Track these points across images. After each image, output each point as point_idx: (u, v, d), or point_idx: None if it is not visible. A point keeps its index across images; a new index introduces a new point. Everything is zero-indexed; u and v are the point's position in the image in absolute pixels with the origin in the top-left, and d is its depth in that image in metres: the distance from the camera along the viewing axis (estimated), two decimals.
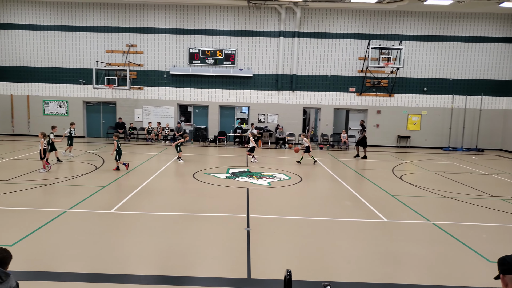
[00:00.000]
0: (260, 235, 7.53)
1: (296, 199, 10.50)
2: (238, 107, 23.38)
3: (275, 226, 8.15)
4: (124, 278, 5.69)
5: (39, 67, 22.70)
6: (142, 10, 22.08)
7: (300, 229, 8.04)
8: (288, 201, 10.30)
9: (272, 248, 6.94)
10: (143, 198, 10.03)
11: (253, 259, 6.41)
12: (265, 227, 8.02)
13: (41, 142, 12.72)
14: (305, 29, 22.23)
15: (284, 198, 10.54)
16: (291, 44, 22.27)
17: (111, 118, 23.28)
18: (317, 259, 6.53)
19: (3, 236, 7.03)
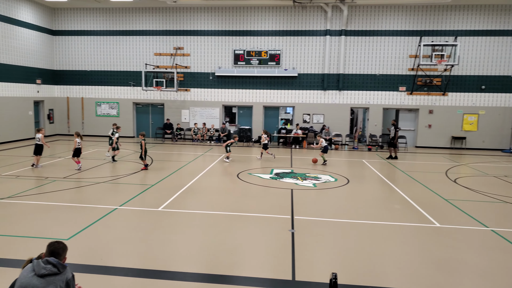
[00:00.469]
0: (305, 237, 7.39)
1: (343, 202, 10.22)
2: (282, 107, 23.27)
3: (320, 228, 7.97)
4: (171, 274, 5.80)
5: (93, 71, 23.91)
6: (189, 12, 22.60)
7: (346, 232, 7.80)
8: (334, 203, 10.04)
9: (317, 251, 6.79)
10: (189, 196, 10.21)
11: (298, 261, 6.30)
12: (310, 229, 7.86)
13: (75, 142, 13.35)
14: (352, 27, 21.69)
15: (330, 200, 10.30)
16: (338, 43, 21.81)
17: (159, 119, 24.03)
18: (364, 263, 6.29)
19: (60, 231, 7.43)
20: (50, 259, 3.30)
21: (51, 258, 3.32)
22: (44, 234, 7.20)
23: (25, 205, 9.10)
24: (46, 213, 8.58)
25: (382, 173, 14.14)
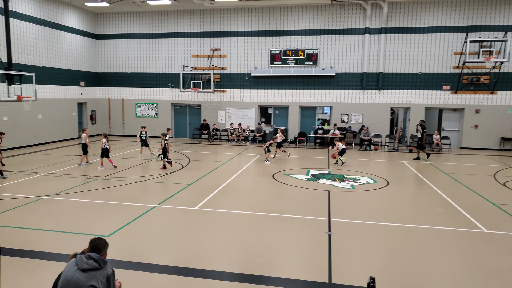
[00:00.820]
0: (342, 240, 7.22)
1: (382, 204, 9.89)
2: (319, 107, 22.95)
3: (358, 231, 7.75)
4: (207, 273, 5.84)
5: (133, 73, 24.68)
6: (226, 14, 22.81)
7: (385, 235, 7.53)
8: (372, 205, 9.74)
9: (354, 254, 6.61)
10: (225, 196, 10.26)
11: (334, 264, 6.16)
12: (347, 232, 7.67)
13: (101, 142, 13.82)
14: (392, 25, 21.03)
15: (369, 203, 10.00)
16: (377, 41, 21.23)
17: (197, 119, 24.41)
18: (403, 268, 6.03)
19: (101, 227, 7.69)
20: (92, 255, 3.39)
21: (93, 253, 3.41)
22: (86, 230, 7.46)
23: (69, 202, 9.50)
24: (89, 210, 8.90)
25: (424, 175, 13.58)
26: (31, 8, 19.16)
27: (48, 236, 7.20)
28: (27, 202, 9.33)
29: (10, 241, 6.77)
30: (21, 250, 6.49)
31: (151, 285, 5.48)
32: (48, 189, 10.63)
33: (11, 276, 5.51)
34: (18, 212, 8.58)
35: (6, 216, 8.28)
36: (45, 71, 20.17)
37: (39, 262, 6.09)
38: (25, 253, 6.39)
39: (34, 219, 8.15)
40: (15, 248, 6.53)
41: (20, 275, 5.63)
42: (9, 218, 8.19)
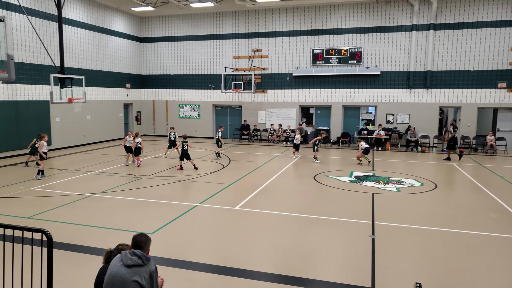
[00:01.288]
0: (386, 244, 6.94)
1: (429, 208, 9.41)
2: (363, 107, 22.34)
3: (403, 235, 7.42)
4: (247, 273, 5.80)
5: (176, 75, 25.27)
6: (267, 14, 22.79)
7: (432, 241, 7.14)
8: (419, 209, 9.30)
9: (399, 259, 6.32)
10: (265, 197, 10.21)
11: (378, 268, 5.93)
12: (392, 236, 7.36)
13: (134, 141, 14.36)
14: (442, 21, 20.06)
15: (415, 206, 9.56)
16: (426, 38, 20.33)
17: (237, 120, 24.57)
18: (452, 276, 5.67)
19: (146, 225, 7.88)
20: (136, 251, 3.43)
21: (137, 250, 3.46)
22: (131, 227, 7.67)
23: (115, 200, 9.83)
24: (134, 207, 9.17)
25: (476, 178, 12.79)
26: (81, 14, 20.14)
27: (96, 232, 7.47)
28: (76, 199, 9.76)
29: (62, 236, 7.09)
30: (71, 245, 6.77)
31: (192, 283, 5.52)
32: (96, 187, 11.08)
33: (62, 269, 5.75)
34: (69, 209, 8.98)
35: (57, 212, 8.71)
36: (94, 74, 21.12)
37: (88, 256, 6.32)
38: (75, 248, 6.66)
39: (83, 215, 8.50)
40: (66, 243, 6.83)
41: (70, 268, 5.87)
42: (61, 214, 8.60)
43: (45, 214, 8.53)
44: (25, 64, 16.66)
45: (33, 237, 3.72)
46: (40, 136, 12.44)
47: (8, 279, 3.97)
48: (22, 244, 4.21)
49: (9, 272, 4.08)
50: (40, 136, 12.44)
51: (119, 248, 3.77)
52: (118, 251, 3.73)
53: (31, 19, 16.43)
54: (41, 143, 12.18)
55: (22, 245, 4.22)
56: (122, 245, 3.82)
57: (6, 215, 8.36)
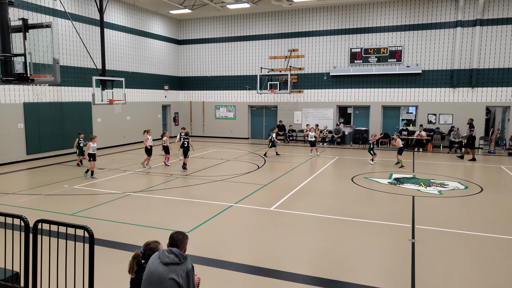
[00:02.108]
0: (427, 249, 6.65)
1: (474, 212, 8.93)
2: (403, 107, 21.61)
3: (446, 240, 7.08)
4: (282, 274, 5.74)
5: (212, 76, 25.57)
6: (304, 14, 22.58)
7: (478, 246, 6.75)
8: (463, 213, 8.85)
9: (441, 264, 6.02)
10: (301, 198, 10.07)
11: (419, 274, 5.70)
12: (434, 240, 7.05)
13: (166, 140, 14.68)
14: (489, 16, 19.04)
15: (459, 210, 9.11)
16: (471, 34, 19.37)
17: (273, 120, 24.50)
18: (499, 285, 5.31)
19: (182, 223, 7.99)
20: (174, 250, 3.46)
21: (174, 248, 3.48)
22: (169, 225, 7.79)
23: (153, 198, 10.05)
24: (171, 206, 9.33)
25: None
26: (122, 18, 20.82)
27: (135, 229, 7.64)
28: (116, 198, 10.05)
29: (102, 233, 7.30)
30: (111, 242, 6.96)
31: (227, 282, 5.52)
32: (135, 186, 11.37)
33: (103, 265, 5.91)
34: (109, 207, 9.27)
35: (99, 210, 9.00)
36: (133, 76, 21.77)
37: (127, 254, 6.46)
38: (115, 245, 6.85)
39: (123, 213, 8.74)
40: (107, 240, 7.03)
41: (111, 264, 6.03)
42: (102, 211, 8.88)
43: (87, 211, 8.84)
44: (69, 67, 17.44)
45: (76, 234, 3.83)
46: (90, 138, 12.52)
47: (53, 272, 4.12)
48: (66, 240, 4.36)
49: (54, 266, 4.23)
50: (90, 138, 12.52)
51: (150, 247, 3.78)
52: (149, 250, 3.75)
53: (75, 24, 17.16)
54: (88, 144, 12.37)
55: (66, 240, 4.37)
56: (151, 242, 3.84)
57: (51, 211, 8.73)
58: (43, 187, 11.20)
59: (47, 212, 8.62)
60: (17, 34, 7.79)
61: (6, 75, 7.59)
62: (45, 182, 11.84)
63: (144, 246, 3.83)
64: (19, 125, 15.20)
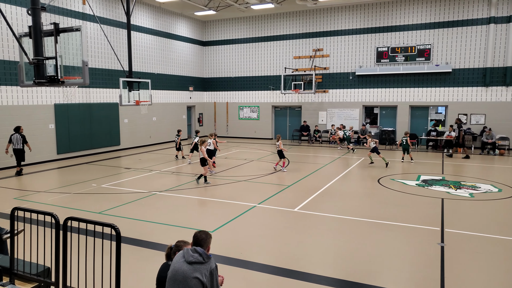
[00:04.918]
0: (458, 253, 6.43)
1: (508, 217, 8.57)
2: (432, 106, 21.03)
3: (477, 245, 6.83)
4: (305, 276, 5.69)
5: (236, 77, 25.67)
6: (329, 13, 22.35)
7: None
8: (496, 217, 8.50)
9: (472, 269, 5.82)
10: (326, 200, 9.95)
11: (448, 279, 5.51)
12: (464, 245, 6.82)
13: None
14: None
15: (491, 214, 8.76)
16: (506, 31, 18.63)
17: (297, 121, 24.36)
18: None
19: (206, 223, 8.04)
20: (198, 249, 3.48)
21: (198, 247, 3.50)
22: (193, 225, 7.86)
23: (178, 198, 10.16)
24: (195, 206, 9.43)
25: None
26: (148, 20, 21.21)
27: (160, 228, 7.75)
28: (142, 197, 10.23)
29: (129, 231, 7.44)
30: (137, 240, 7.08)
31: (250, 283, 5.52)
32: (160, 185, 11.54)
33: (129, 262, 6.02)
34: (135, 206, 9.44)
35: (125, 209, 9.18)
36: (159, 78, 22.12)
37: (153, 252, 6.56)
38: (140, 243, 6.96)
39: (148, 212, 8.88)
40: (133, 238, 7.15)
41: (136, 262, 6.13)
42: (128, 210, 9.05)
43: (114, 210, 9.03)
44: (97, 69, 17.90)
45: (103, 231, 3.90)
46: (201, 141, 11.63)
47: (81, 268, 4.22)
48: (94, 237, 4.45)
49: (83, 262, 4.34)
50: (201, 141, 11.63)
51: (177, 245, 3.85)
52: (176, 248, 3.81)
53: (103, 27, 17.61)
54: (202, 149, 11.41)
55: (94, 238, 4.46)
56: (180, 241, 3.90)
57: (79, 209, 8.97)
58: (72, 185, 11.54)
59: (76, 210, 8.87)
60: (49, 38, 8.05)
61: (39, 78, 7.85)
62: (74, 181, 12.19)
63: (175, 243, 3.89)
64: (50, 125, 15.72)
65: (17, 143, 13.02)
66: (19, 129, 13.17)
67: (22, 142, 13.09)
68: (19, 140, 13.05)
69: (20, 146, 13.06)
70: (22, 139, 13.11)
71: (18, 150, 13.07)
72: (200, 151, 11.55)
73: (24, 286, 4.32)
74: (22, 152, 13.14)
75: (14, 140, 13.01)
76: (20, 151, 13.10)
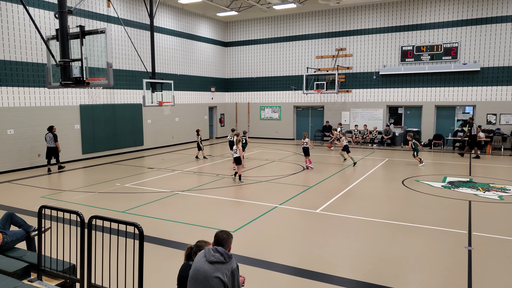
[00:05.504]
0: (486, 257, 6.23)
1: None
2: (459, 106, 20.44)
3: (507, 249, 6.58)
4: (327, 278, 5.61)
5: (258, 77, 25.67)
6: (352, 12, 22.06)
7: None
8: None
9: (503, 275, 5.61)
10: (348, 201, 9.81)
11: (476, 284, 5.34)
12: (493, 249, 6.59)
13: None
14: None
15: None
16: None
17: (319, 121, 24.15)
18: None
19: (228, 223, 8.05)
20: (219, 248, 3.48)
21: (219, 247, 3.49)
22: (215, 224, 7.87)
23: (200, 198, 10.22)
24: (217, 206, 9.44)
25: None
26: (171, 22, 21.47)
27: (182, 227, 7.81)
28: (165, 196, 10.34)
29: (152, 230, 7.53)
30: (160, 239, 7.15)
31: (272, 283, 5.48)
32: (182, 185, 11.64)
33: (152, 261, 6.09)
34: (158, 205, 9.55)
35: (148, 208, 9.30)
36: (181, 79, 22.35)
37: (175, 251, 6.61)
38: (163, 242, 7.03)
39: (171, 211, 8.96)
40: (155, 237, 7.23)
41: (159, 261, 6.19)
42: (151, 209, 9.16)
43: (137, 209, 9.16)
44: (121, 70, 18.24)
45: (126, 230, 3.95)
46: (237, 141, 12.07)
47: (105, 266, 4.28)
48: (118, 236, 4.52)
49: (107, 260, 4.40)
50: (237, 141, 12.07)
51: (198, 244, 3.85)
52: (197, 248, 3.82)
53: (127, 29, 17.93)
54: (240, 148, 11.98)
55: (118, 236, 4.54)
56: (200, 241, 3.90)
57: (104, 208, 9.15)
58: (97, 185, 11.78)
59: (101, 209, 9.04)
60: (75, 40, 8.25)
61: (65, 79, 8.06)
62: (98, 180, 12.45)
63: (195, 243, 3.90)
64: (76, 126, 16.12)
65: (50, 142, 13.81)
66: (52, 129, 13.97)
67: (53, 140, 13.85)
68: (51, 138, 13.83)
69: (52, 144, 13.85)
70: (54, 138, 13.86)
71: (51, 148, 13.91)
72: (236, 150, 11.96)
73: (51, 282, 4.42)
74: (54, 149, 13.95)
75: (47, 138, 13.84)
76: (53, 149, 13.91)
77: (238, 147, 11.97)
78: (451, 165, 15.00)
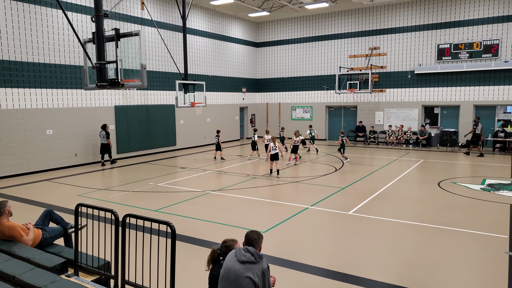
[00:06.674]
0: None
1: None
2: (500, 106, 19.50)
3: None
4: (359, 280, 5.50)
5: (289, 77, 25.54)
6: (386, 10, 21.54)
7: None
8: None
9: None
10: (382, 203, 9.56)
11: None
12: None
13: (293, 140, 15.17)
14: None
15: None
16: None
17: (352, 121, 23.72)
18: None
19: (259, 223, 8.04)
20: (250, 248, 3.47)
21: (250, 247, 3.49)
22: (245, 224, 7.89)
23: (231, 197, 10.27)
24: (248, 206, 9.46)
25: None
26: (203, 23, 21.74)
27: (213, 227, 7.87)
28: (196, 196, 10.47)
29: (183, 229, 7.63)
30: (191, 238, 7.24)
31: (303, 285, 5.42)
32: (214, 185, 11.75)
33: (184, 259, 6.17)
34: (190, 204, 9.67)
35: (180, 207, 9.44)
36: (213, 80, 22.58)
37: (206, 250, 6.63)
38: (194, 241, 7.11)
39: (202, 211, 9.06)
40: (187, 236, 7.32)
41: (190, 260, 6.26)
42: (183, 208, 9.30)
43: (169, 208, 9.32)
44: (154, 72, 18.64)
45: (159, 228, 4.00)
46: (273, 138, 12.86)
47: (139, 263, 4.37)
48: (151, 234, 4.60)
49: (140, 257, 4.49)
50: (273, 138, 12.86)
51: (227, 244, 3.83)
52: (225, 247, 3.80)
53: (160, 31, 18.30)
54: (279, 145, 12.80)
55: (151, 235, 4.61)
56: (229, 241, 3.88)
57: (137, 207, 9.36)
58: (130, 184, 12.09)
59: (134, 208, 9.26)
60: (110, 43, 8.49)
61: (101, 81, 8.31)
62: (132, 179, 12.77)
63: (222, 243, 3.89)
64: (111, 126, 16.60)
65: (103, 139, 15.13)
66: (105, 127, 15.22)
67: (106, 137, 15.03)
68: (104, 136, 15.04)
69: (105, 141, 15.13)
70: (106, 135, 15.03)
71: (104, 144, 15.18)
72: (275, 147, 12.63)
73: (87, 278, 4.55)
74: (107, 146, 15.21)
75: (101, 136, 15.10)
76: (106, 146, 15.21)
77: (277, 144, 12.69)
78: (492, 167, 14.33)
